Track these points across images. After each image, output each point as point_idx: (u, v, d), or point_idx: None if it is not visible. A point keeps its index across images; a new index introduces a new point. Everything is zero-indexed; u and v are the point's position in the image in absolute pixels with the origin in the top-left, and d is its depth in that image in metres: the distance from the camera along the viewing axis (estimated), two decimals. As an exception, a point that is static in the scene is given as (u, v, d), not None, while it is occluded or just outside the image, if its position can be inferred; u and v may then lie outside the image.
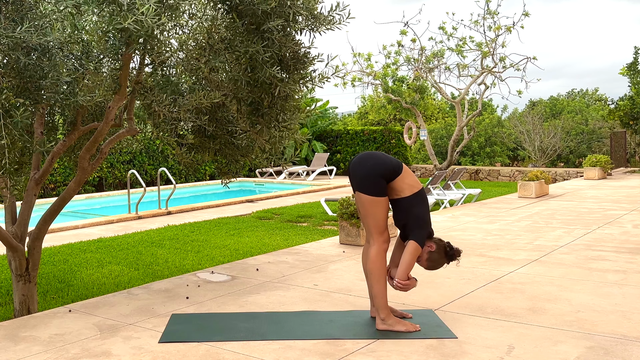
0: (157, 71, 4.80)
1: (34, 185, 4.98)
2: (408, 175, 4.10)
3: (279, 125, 4.86)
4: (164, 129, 4.98)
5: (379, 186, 4.01)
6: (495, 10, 17.08)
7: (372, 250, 4.07)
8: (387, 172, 4.02)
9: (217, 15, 4.44)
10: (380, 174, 4.00)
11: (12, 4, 3.82)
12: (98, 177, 16.45)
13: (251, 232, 9.11)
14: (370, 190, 4.00)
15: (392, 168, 4.04)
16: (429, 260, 4.16)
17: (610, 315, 4.36)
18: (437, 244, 4.16)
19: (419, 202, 4.08)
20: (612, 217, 9.08)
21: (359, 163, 4.09)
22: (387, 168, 4.02)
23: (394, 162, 4.09)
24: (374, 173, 4.00)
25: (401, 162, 4.15)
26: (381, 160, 4.05)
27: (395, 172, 4.04)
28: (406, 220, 4.09)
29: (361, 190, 4.05)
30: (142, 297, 5.06)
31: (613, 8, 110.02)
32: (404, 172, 4.09)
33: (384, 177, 4.02)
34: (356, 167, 4.10)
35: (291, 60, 4.54)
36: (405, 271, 4.03)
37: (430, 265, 4.19)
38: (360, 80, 18.43)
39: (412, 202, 4.06)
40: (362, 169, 4.05)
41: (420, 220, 4.07)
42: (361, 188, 4.05)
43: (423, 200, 4.11)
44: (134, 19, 3.53)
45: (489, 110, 31.70)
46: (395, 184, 4.05)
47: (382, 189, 4.02)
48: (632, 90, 21.49)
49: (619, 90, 61.37)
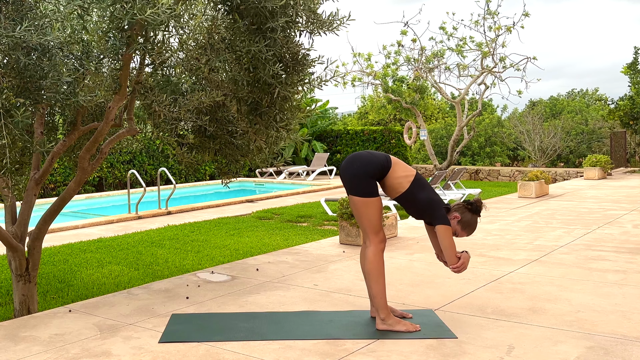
0: (157, 71, 4.80)
1: (34, 185, 4.98)
2: (399, 167, 4.07)
3: (277, 125, 4.86)
4: (164, 129, 4.98)
5: (369, 187, 3.98)
6: (496, 11, 17.08)
7: (369, 251, 4.06)
8: (376, 170, 3.99)
9: (218, 16, 4.44)
10: (369, 174, 3.98)
11: (12, 4, 3.82)
12: (98, 177, 16.45)
13: (251, 232, 9.11)
14: (361, 191, 3.98)
15: (379, 166, 4.00)
16: (463, 228, 4.15)
17: (610, 315, 4.36)
18: (459, 210, 4.15)
19: (420, 188, 4.06)
20: (612, 217, 9.08)
21: (347, 166, 4.08)
22: (374, 167, 3.99)
23: (381, 158, 4.04)
24: (362, 174, 3.98)
25: (388, 155, 4.11)
26: (367, 160, 4.02)
27: (384, 168, 4.01)
28: (420, 210, 4.09)
29: (352, 192, 4.03)
30: (142, 297, 5.06)
31: (613, 8, 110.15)
32: (394, 164, 4.05)
33: (374, 176, 3.99)
34: (344, 170, 4.08)
35: (291, 61, 4.54)
36: (451, 254, 4.03)
37: (468, 230, 4.19)
38: (360, 80, 18.43)
39: (414, 191, 4.04)
40: (350, 171, 4.03)
41: (431, 202, 4.05)
42: (352, 190, 4.03)
43: (423, 185, 4.09)
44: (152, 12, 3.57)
45: (489, 110, 31.70)
46: (390, 181, 4.03)
47: (372, 190, 3.99)
48: (632, 90, 21.51)
49: (620, 90, 61.41)
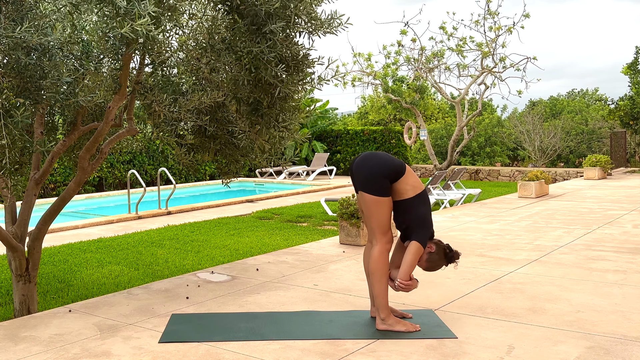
0: (157, 71, 4.80)
1: (34, 185, 4.98)
2: (411, 176, 4.08)
3: (279, 125, 4.86)
4: (164, 129, 4.98)
5: (383, 186, 3.98)
6: (496, 11, 17.09)
7: (375, 250, 4.06)
8: (392, 172, 3.99)
9: (218, 16, 4.44)
10: (384, 174, 3.98)
11: (12, 4, 3.82)
12: (98, 177, 16.45)
13: (251, 232, 9.11)
14: (374, 190, 3.98)
15: (395, 168, 4.01)
16: (429, 261, 4.15)
17: (610, 315, 4.36)
18: (438, 245, 4.16)
19: (422, 202, 4.07)
20: (612, 217, 9.08)
21: (362, 163, 4.06)
22: (391, 168, 3.99)
23: (397, 162, 4.06)
24: (378, 173, 3.97)
25: (404, 162, 4.13)
26: (385, 161, 4.02)
27: (399, 173, 4.01)
28: (409, 222, 4.07)
29: (365, 190, 4.02)
30: (142, 297, 5.06)
31: (617, 8, 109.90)
32: (407, 172, 4.06)
33: (388, 177, 3.99)
34: (359, 166, 4.06)
35: (292, 62, 4.54)
36: (408, 271, 4.01)
37: (429, 267, 4.19)
38: (360, 80, 18.44)
39: (415, 203, 4.04)
40: (366, 168, 4.02)
41: (423, 220, 4.05)
42: (365, 188, 4.02)
43: (425, 201, 4.10)
44: (130, 26, 3.51)
45: (489, 110, 31.72)
46: (398, 185, 4.03)
47: (386, 189, 3.99)
48: (632, 90, 21.50)
49: (620, 90, 61.38)
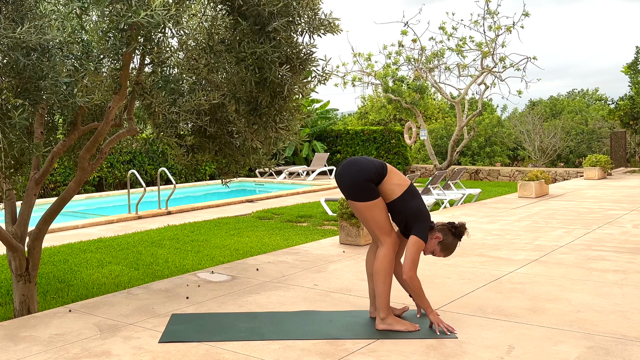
0: (157, 71, 4.80)
1: (34, 185, 4.98)
2: (395, 175, 4.08)
3: (276, 126, 4.86)
4: (164, 129, 4.98)
5: (370, 190, 3.99)
6: (495, 11, 17.08)
7: (382, 251, 4.05)
8: (374, 175, 4.00)
9: (218, 16, 4.44)
10: (367, 178, 3.98)
11: (12, 4, 3.82)
12: (98, 177, 16.45)
13: (251, 232, 9.11)
14: (362, 196, 3.99)
15: (377, 170, 4.02)
16: (443, 249, 4.14)
17: (610, 315, 4.36)
18: (442, 231, 4.13)
19: (412, 197, 4.07)
20: (612, 217, 9.08)
21: (343, 172, 4.07)
22: (372, 171, 4.00)
23: (377, 164, 4.06)
24: (361, 178, 3.98)
25: (384, 162, 4.13)
26: (365, 165, 4.03)
27: (381, 174, 4.02)
28: (405, 218, 4.07)
29: (353, 198, 4.03)
30: (142, 297, 5.06)
31: (618, 8, 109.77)
32: (390, 172, 4.07)
33: (372, 180, 4.00)
34: (342, 176, 4.08)
35: (296, 60, 4.54)
36: (410, 266, 3.97)
37: (447, 252, 4.17)
38: (361, 80, 18.45)
39: (405, 199, 4.04)
40: (348, 177, 4.03)
41: (418, 213, 4.05)
42: (352, 196, 4.03)
43: (415, 195, 4.10)
44: (146, 14, 3.55)
45: (489, 110, 31.68)
46: (384, 187, 4.03)
47: (373, 192, 3.99)
48: (632, 90, 21.50)
49: (621, 91, 61.35)
